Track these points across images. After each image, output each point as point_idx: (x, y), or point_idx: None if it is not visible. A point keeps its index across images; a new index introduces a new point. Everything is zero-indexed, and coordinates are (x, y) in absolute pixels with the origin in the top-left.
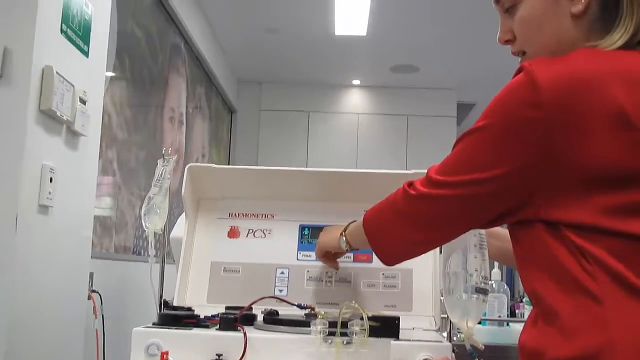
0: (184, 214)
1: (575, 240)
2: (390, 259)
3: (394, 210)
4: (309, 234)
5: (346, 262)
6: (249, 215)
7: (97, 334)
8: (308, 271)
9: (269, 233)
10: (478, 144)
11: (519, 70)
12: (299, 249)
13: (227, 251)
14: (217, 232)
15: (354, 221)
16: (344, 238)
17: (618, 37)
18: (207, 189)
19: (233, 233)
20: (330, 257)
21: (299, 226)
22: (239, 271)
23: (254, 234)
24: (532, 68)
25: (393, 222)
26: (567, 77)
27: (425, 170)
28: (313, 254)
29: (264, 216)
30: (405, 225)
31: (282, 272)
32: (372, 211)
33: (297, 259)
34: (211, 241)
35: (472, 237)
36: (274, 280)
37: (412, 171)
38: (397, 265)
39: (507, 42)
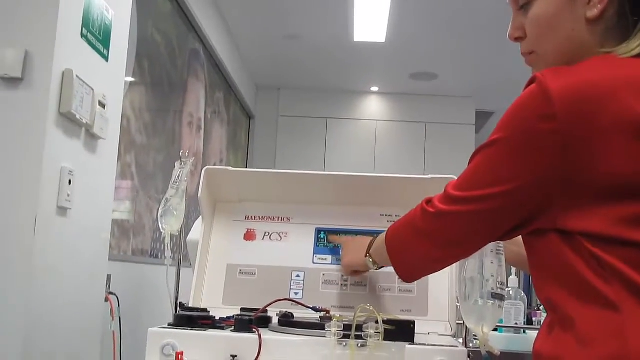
0: (200, 217)
1: (591, 249)
2: (409, 277)
3: (413, 228)
4: (325, 238)
5: None
6: (265, 218)
7: (114, 335)
8: (324, 274)
9: (285, 236)
10: (493, 157)
11: (531, 81)
12: (315, 252)
13: (243, 254)
14: (234, 235)
15: (376, 237)
16: (370, 259)
17: (636, 45)
18: (224, 192)
19: (249, 236)
20: (358, 272)
21: (315, 229)
22: (255, 274)
23: (270, 237)
24: (545, 79)
25: (413, 240)
26: (581, 87)
27: (443, 176)
28: (329, 257)
29: (280, 219)
30: (425, 243)
31: (298, 275)
32: (393, 229)
33: (313, 262)
34: (227, 244)
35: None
36: (290, 283)
37: (430, 176)
38: None
39: (517, 39)
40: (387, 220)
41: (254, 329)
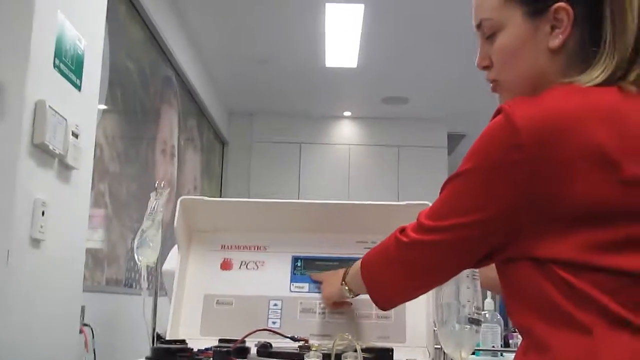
0: (175, 246)
1: (563, 275)
2: (385, 305)
3: (387, 258)
4: (301, 265)
5: None
6: (242, 247)
7: None
8: (301, 303)
9: (262, 265)
10: (463, 188)
11: (498, 112)
12: (292, 280)
13: (220, 283)
14: (210, 265)
15: (351, 265)
16: (345, 287)
17: (598, 73)
18: (199, 222)
19: (226, 265)
20: (341, 304)
21: (292, 257)
22: (232, 303)
23: (246, 266)
24: (511, 110)
25: (387, 270)
26: (546, 117)
27: (416, 202)
28: (306, 285)
29: (256, 248)
30: (399, 273)
31: (275, 304)
32: (367, 258)
33: (290, 290)
34: (204, 274)
35: None
36: (267, 312)
37: (404, 202)
38: None
39: (484, 67)
40: (363, 247)
41: None
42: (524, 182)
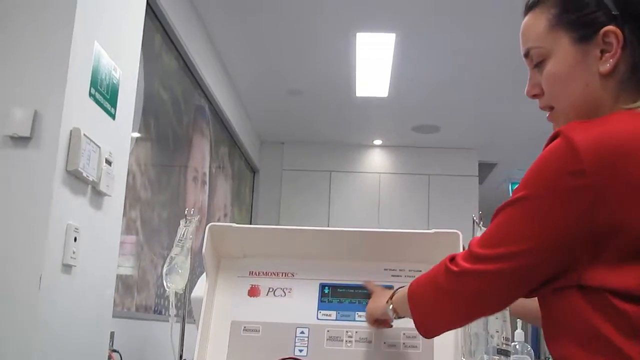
0: (204, 274)
1: (619, 306)
2: (429, 334)
3: (436, 286)
4: (329, 293)
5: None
6: (269, 274)
7: None
8: (328, 331)
9: (289, 292)
10: (518, 215)
11: (555, 135)
12: (319, 308)
13: (247, 310)
14: (238, 291)
15: (402, 287)
16: (390, 307)
17: None
18: (228, 248)
19: (253, 292)
20: (381, 322)
21: (320, 285)
22: (259, 331)
23: (274, 293)
24: (569, 132)
25: (436, 298)
26: (608, 141)
27: (446, 230)
28: (333, 313)
29: (284, 275)
30: (447, 302)
31: (302, 332)
32: (416, 284)
33: (317, 318)
34: (231, 300)
35: None
36: (294, 340)
37: (433, 230)
38: None
39: (534, 96)
40: (392, 274)
41: None
42: (584, 211)
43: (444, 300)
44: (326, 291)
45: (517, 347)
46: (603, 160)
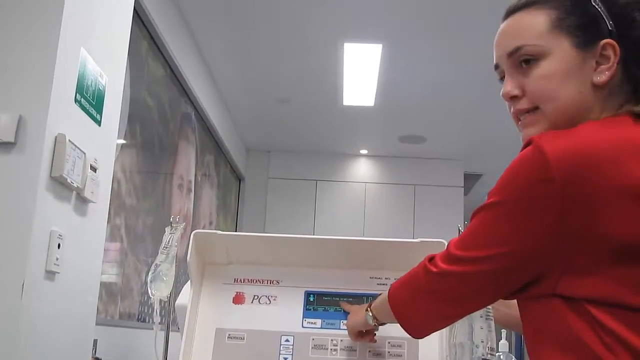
0: (189, 281)
1: (596, 315)
2: (417, 333)
3: (416, 286)
4: (314, 301)
5: None
6: (255, 281)
7: None
8: (313, 339)
9: (274, 299)
10: (492, 220)
11: (527, 144)
12: (304, 316)
13: (232, 317)
14: (222, 298)
15: (379, 295)
16: (370, 314)
17: None
18: (213, 255)
19: (238, 299)
20: (364, 335)
21: (305, 292)
22: (244, 338)
23: (259, 300)
24: (541, 142)
25: (416, 298)
26: (579, 150)
27: (431, 240)
28: (318, 321)
29: (269, 282)
30: (428, 301)
31: (287, 340)
32: (396, 286)
33: (302, 326)
34: (216, 307)
35: None
36: (279, 348)
37: (419, 240)
38: (403, 334)
39: (513, 97)
40: (377, 282)
41: None
42: (554, 216)
43: (424, 299)
44: (311, 299)
45: (502, 357)
46: (572, 169)
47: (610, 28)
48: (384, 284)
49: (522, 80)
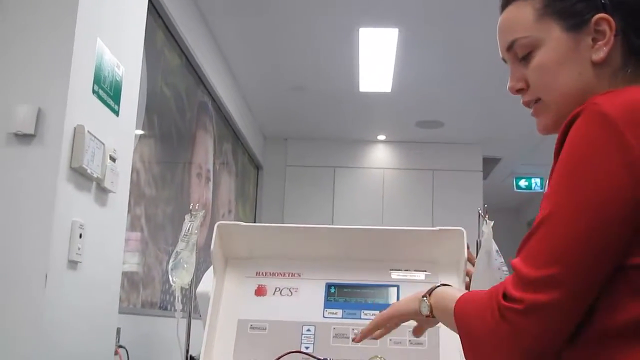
0: (210, 269)
1: None
2: None
3: (488, 331)
4: (335, 292)
5: (372, 318)
6: (276, 274)
7: None
8: (334, 328)
9: (296, 291)
10: (572, 217)
11: (576, 115)
12: (325, 306)
13: (254, 309)
14: (245, 290)
15: (438, 287)
16: (426, 302)
17: None
18: (235, 247)
19: (260, 291)
20: (392, 325)
21: (326, 284)
22: (266, 329)
23: (280, 292)
24: (597, 107)
25: (487, 345)
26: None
27: (450, 228)
28: (339, 311)
29: (290, 275)
30: (505, 351)
31: (309, 330)
32: (462, 313)
33: (324, 316)
34: (238, 299)
35: None
36: (300, 337)
37: (437, 228)
38: None
39: (518, 91)
40: (397, 274)
41: None
42: (633, 185)
43: (499, 348)
44: (332, 291)
45: None
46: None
47: (603, 1)
48: (403, 276)
49: (524, 72)
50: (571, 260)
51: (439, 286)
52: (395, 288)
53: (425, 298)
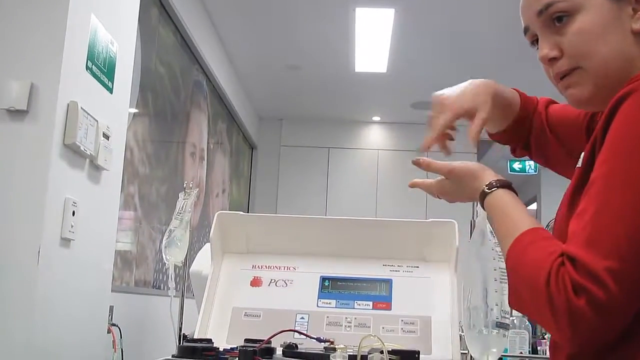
0: (203, 248)
1: None
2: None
3: (545, 299)
4: (329, 285)
5: (365, 309)
6: (272, 267)
7: None
8: (328, 317)
9: (291, 283)
10: (634, 207)
11: (626, 94)
12: (320, 297)
13: (249, 298)
14: (240, 281)
15: (498, 184)
16: (484, 197)
17: None
18: (233, 237)
19: (256, 282)
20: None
21: (320, 277)
22: (260, 316)
23: (275, 284)
24: None
25: (539, 303)
26: None
27: (443, 220)
28: (333, 302)
29: (286, 268)
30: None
31: (302, 317)
32: (522, 253)
33: (318, 305)
34: (234, 289)
35: (493, 270)
36: (294, 325)
37: (430, 220)
38: (416, 313)
39: (551, 60)
40: (390, 269)
41: None
42: None
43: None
44: (326, 284)
45: (515, 322)
46: None
47: None
48: (396, 271)
49: (558, 39)
50: (635, 253)
51: (500, 185)
52: (388, 282)
53: (485, 192)
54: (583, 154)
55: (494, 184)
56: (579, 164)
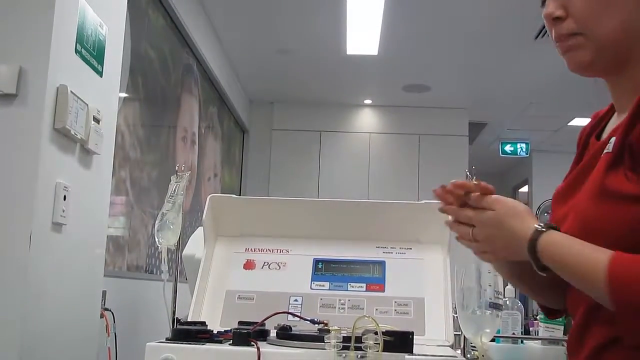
0: (196, 232)
1: None
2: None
3: None
4: (322, 268)
5: (359, 291)
6: (265, 250)
7: (109, 352)
8: (321, 299)
9: (284, 266)
10: None
11: None
12: (313, 279)
13: (242, 281)
14: (233, 265)
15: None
16: (535, 251)
17: None
18: (226, 220)
19: (249, 265)
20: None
21: (313, 260)
22: (253, 299)
23: (269, 266)
24: None
25: None
26: None
27: (436, 202)
28: (327, 284)
29: (279, 251)
30: None
31: (296, 300)
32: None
33: (311, 287)
34: (227, 272)
35: None
36: (288, 307)
37: (423, 202)
38: (409, 294)
39: (555, 20)
40: (383, 251)
41: (252, 342)
42: None
43: None
44: (320, 266)
45: (508, 303)
46: None
47: None
48: (389, 253)
49: (565, 0)
50: None
51: (542, 231)
52: (381, 264)
53: (531, 242)
54: (614, 138)
55: (545, 225)
56: (609, 149)
